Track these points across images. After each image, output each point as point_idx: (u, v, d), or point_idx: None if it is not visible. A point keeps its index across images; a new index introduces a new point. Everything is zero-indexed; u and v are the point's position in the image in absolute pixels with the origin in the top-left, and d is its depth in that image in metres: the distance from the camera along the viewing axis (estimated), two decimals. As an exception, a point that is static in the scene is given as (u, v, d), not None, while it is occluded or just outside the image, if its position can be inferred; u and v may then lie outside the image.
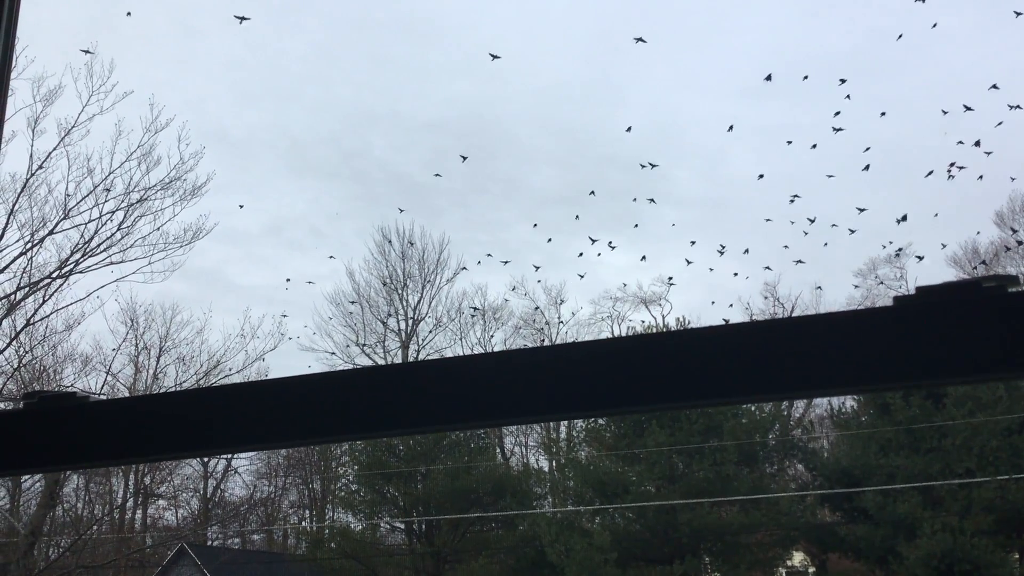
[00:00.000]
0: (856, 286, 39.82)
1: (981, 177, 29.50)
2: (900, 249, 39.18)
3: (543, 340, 44.33)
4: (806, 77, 24.93)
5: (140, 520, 42.27)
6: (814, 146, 24.81)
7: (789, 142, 30.21)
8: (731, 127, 26.44)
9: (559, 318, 46.79)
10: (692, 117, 55.08)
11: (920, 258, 39.70)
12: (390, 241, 45.53)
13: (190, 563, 36.31)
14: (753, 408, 30.35)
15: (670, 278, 44.87)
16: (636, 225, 51.67)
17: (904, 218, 26.70)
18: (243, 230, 56.98)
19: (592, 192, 34.90)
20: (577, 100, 51.54)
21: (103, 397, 1.68)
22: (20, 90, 19.79)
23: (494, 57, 25.61)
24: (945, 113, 23.28)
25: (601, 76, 52.87)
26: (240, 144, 50.96)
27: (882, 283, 41.87)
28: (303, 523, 47.83)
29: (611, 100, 54.72)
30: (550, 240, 49.49)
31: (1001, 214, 41.10)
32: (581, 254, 39.69)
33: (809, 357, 1.10)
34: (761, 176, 28.73)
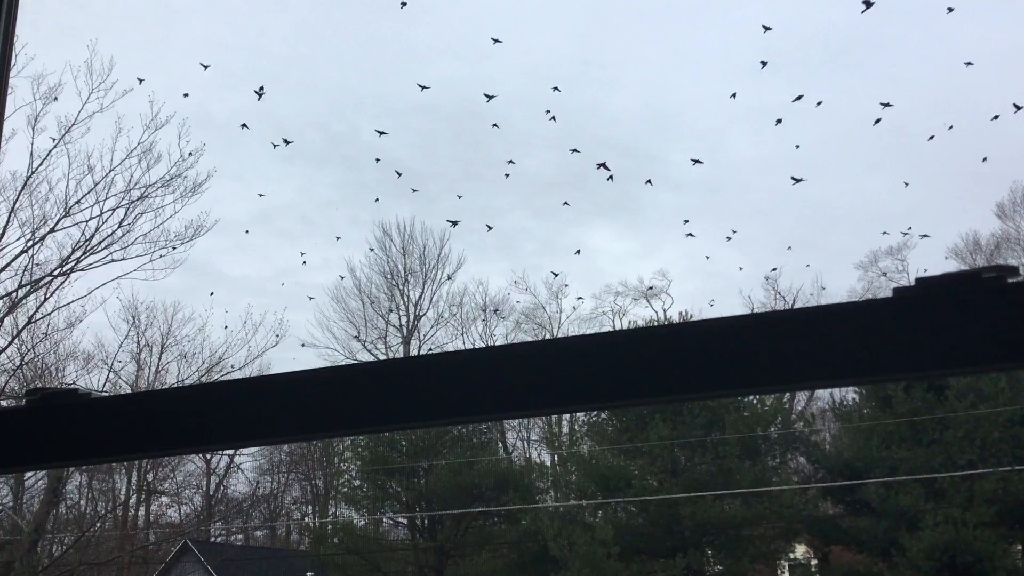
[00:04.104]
0: (859, 268, 39.14)
1: (985, 159, 29.25)
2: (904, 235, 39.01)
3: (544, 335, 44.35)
4: (764, 63, 23.92)
5: (143, 517, 42.37)
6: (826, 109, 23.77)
7: (779, 121, 29.46)
8: (734, 94, 25.55)
9: (559, 310, 46.84)
10: (688, 98, 54.47)
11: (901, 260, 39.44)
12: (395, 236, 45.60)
13: (193, 559, 36.37)
14: (755, 401, 30.36)
15: (666, 286, 44.71)
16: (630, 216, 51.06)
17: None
18: (232, 219, 56.37)
19: (575, 150, 33.32)
20: (570, 81, 50.85)
21: (105, 394, 1.68)
22: (20, 88, 19.76)
23: (496, 40, 25.21)
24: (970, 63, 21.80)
25: (594, 56, 52.28)
26: (224, 128, 50.25)
27: (884, 274, 41.85)
28: (306, 519, 47.91)
29: (605, 80, 54.07)
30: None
31: (1002, 206, 41.08)
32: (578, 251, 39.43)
33: (809, 349, 1.10)
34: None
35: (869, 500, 26.81)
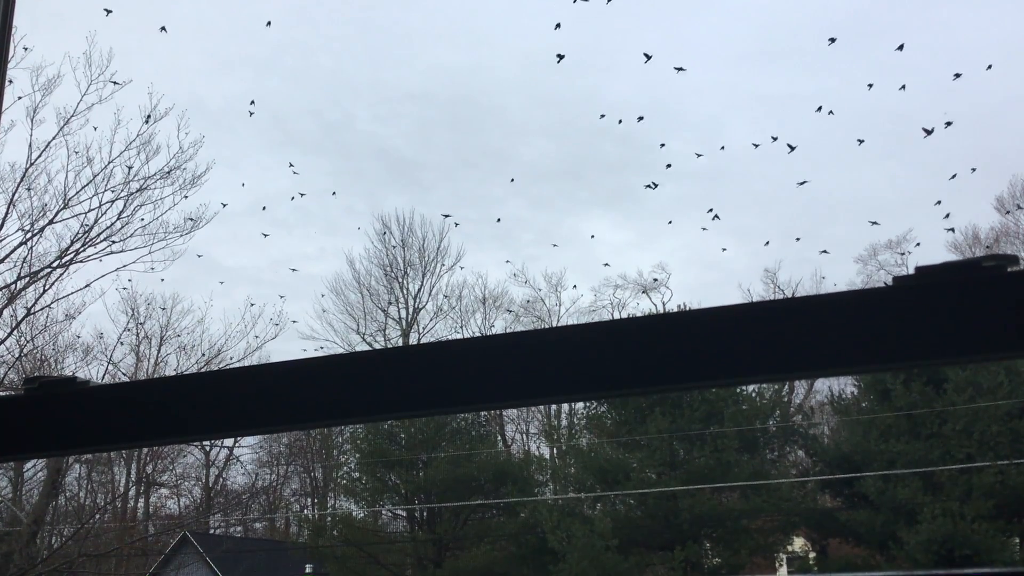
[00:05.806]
0: (859, 260, 38.80)
1: (974, 170, 29.18)
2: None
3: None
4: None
5: (142, 509, 42.44)
6: (819, 109, 23.81)
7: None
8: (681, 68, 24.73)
9: (559, 303, 46.81)
10: (687, 85, 53.87)
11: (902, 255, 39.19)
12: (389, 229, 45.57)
13: (192, 551, 36.43)
14: (754, 394, 30.38)
15: (663, 279, 44.51)
16: (628, 207, 50.51)
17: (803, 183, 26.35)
18: (226, 208, 55.91)
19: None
20: (566, 68, 50.24)
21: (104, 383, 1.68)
22: (18, 79, 19.69)
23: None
24: (958, 76, 21.89)
25: (591, 42, 51.85)
26: (217, 115, 49.80)
27: (882, 268, 41.82)
28: (305, 511, 47.97)
29: (602, 67, 53.54)
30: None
31: (1001, 199, 41.03)
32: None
33: (808, 337, 1.09)
34: (775, 139, 26.74)
35: (867, 493, 26.85)
